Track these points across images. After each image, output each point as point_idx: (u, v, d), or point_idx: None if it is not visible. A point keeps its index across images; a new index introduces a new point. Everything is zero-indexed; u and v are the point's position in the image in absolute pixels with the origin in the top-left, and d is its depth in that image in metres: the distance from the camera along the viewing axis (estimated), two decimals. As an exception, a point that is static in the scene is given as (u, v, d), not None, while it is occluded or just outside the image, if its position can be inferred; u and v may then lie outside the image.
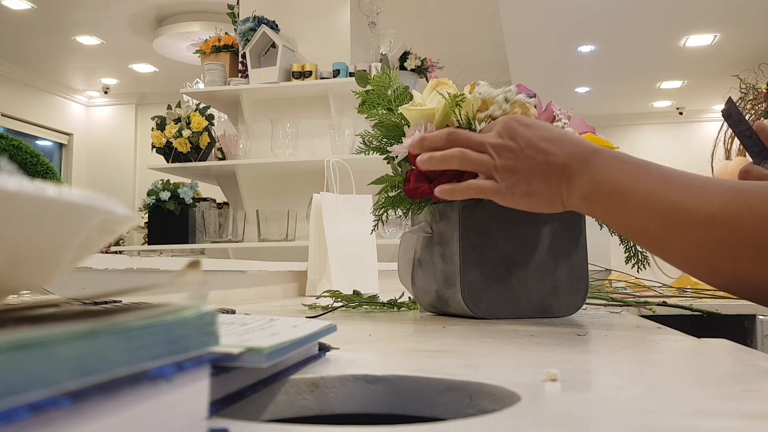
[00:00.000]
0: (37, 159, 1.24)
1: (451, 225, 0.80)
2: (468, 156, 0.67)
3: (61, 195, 0.20)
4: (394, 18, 3.89)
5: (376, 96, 0.84)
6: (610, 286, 1.50)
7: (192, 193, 3.15)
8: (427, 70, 3.24)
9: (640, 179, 0.60)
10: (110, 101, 7.91)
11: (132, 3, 5.34)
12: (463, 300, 0.77)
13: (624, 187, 0.60)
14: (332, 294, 1.06)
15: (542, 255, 0.80)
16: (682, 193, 0.57)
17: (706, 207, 0.55)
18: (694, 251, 0.57)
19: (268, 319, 0.40)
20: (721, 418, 0.27)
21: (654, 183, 0.59)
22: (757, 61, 5.50)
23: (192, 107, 3.15)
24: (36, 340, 0.16)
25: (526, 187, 0.65)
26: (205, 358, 0.23)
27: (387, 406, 0.35)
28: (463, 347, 0.50)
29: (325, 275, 1.61)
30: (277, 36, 3.00)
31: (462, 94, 0.76)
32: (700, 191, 0.56)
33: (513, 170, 0.65)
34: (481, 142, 0.67)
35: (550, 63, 6.14)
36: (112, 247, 3.53)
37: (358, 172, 2.00)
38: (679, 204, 0.57)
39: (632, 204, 0.59)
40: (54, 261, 0.23)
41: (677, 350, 0.50)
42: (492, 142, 0.67)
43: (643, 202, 0.59)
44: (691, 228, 0.56)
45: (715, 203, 0.55)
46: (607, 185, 0.61)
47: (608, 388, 0.34)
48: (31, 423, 0.15)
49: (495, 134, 0.67)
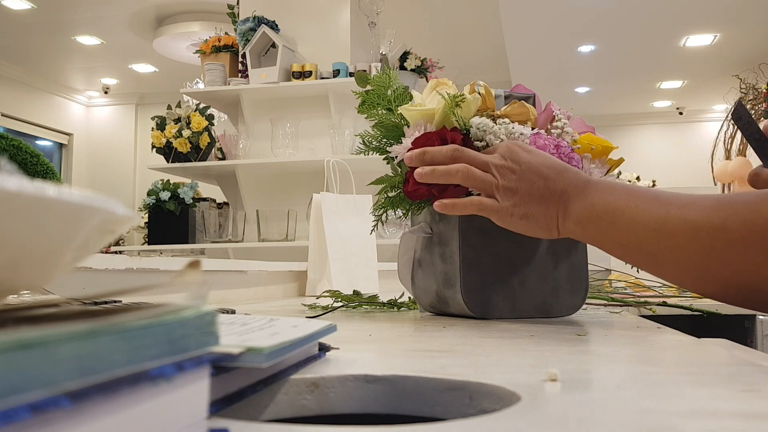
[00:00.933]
0: (37, 159, 1.24)
1: (451, 225, 0.80)
2: (472, 173, 0.69)
3: (61, 195, 0.20)
4: (394, 18, 3.89)
5: (375, 96, 0.84)
6: (610, 286, 1.50)
7: (192, 193, 3.16)
8: (427, 70, 3.24)
9: (630, 199, 0.62)
10: (110, 101, 7.91)
11: (132, 3, 5.34)
12: (463, 300, 0.77)
13: (616, 207, 0.62)
14: (332, 294, 1.06)
15: (542, 255, 0.80)
16: (669, 207, 0.59)
17: (692, 215, 0.57)
18: (685, 260, 0.58)
19: (268, 319, 0.40)
20: (721, 418, 0.27)
21: (644, 201, 0.61)
22: (757, 61, 5.51)
23: (192, 107, 3.15)
24: (36, 340, 0.16)
25: (524, 209, 0.67)
26: (205, 358, 0.23)
27: (387, 406, 0.35)
28: (463, 347, 0.50)
29: (325, 275, 1.61)
30: (277, 36, 3.00)
31: (462, 95, 0.76)
32: (686, 202, 0.59)
33: (514, 191, 0.68)
34: (485, 162, 0.69)
35: (550, 63, 6.14)
36: (112, 247, 3.53)
37: (358, 172, 2.00)
38: (666, 215, 0.59)
39: (624, 222, 0.62)
40: (54, 261, 0.23)
41: (677, 350, 0.50)
42: (495, 162, 0.69)
43: (634, 218, 0.61)
44: (680, 237, 0.58)
45: (700, 211, 0.57)
46: (600, 207, 0.64)
47: (608, 388, 0.34)
48: (31, 423, 0.15)
49: (498, 156, 0.70)
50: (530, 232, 0.69)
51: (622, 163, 0.84)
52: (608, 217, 0.63)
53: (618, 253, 0.65)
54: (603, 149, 0.81)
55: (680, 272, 0.60)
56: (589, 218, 0.64)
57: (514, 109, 0.80)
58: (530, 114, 0.80)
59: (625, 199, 0.62)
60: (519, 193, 0.67)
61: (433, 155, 0.71)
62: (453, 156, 0.70)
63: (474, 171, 0.69)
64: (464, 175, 0.69)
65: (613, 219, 0.62)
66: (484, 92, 0.79)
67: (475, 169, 0.69)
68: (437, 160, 0.71)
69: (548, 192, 0.66)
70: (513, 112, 0.80)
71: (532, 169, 0.67)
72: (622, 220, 0.62)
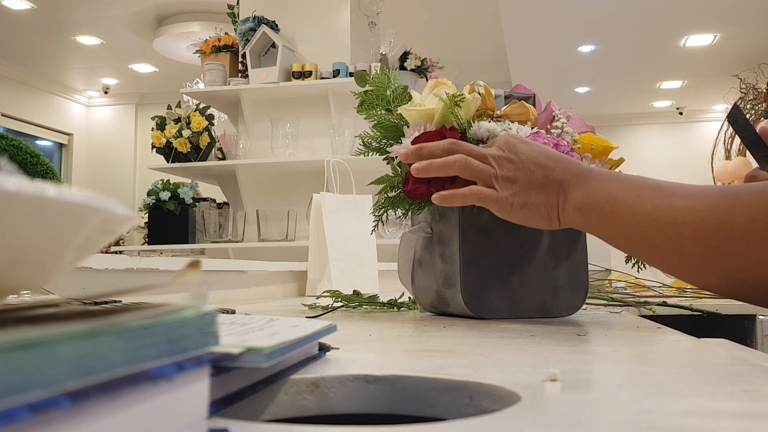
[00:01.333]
0: (37, 159, 1.24)
1: (451, 225, 0.80)
2: (470, 162, 0.68)
3: (61, 195, 0.20)
4: (394, 18, 3.89)
5: (374, 96, 0.84)
6: (610, 286, 1.50)
7: (192, 193, 3.16)
8: (427, 70, 3.24)
9: (632, 188, 0.62)
10: (110, 101, 7.91)
11: (132, 3, 5.34)
12: (463, 300, 0.77)
13: (618, 196, 0.62)
14: (332, 294, 1.06)
15: (542, 255, 0.80)
16: (674, 197, 0.59)
17: (698, 205, 0.57)
18: (687, 250, 0.58)
19: (268, 319, 0.40)
20: (721, 418, 0.27)
21: (646, 190, 0.61)
22: (757, 61, 5.51)
23: (192, 107, 3.15)
24: (36, 340, 0.16)
25: (524, 198, 0.67)
26: (205, 358, 0.23)
27: (387, 406, 0.35)
28: (463, 347, 0.50)
29: (325, 275, 1.61)
30: (277, 36, 3.00)
31: (461, 95, 0.76)
32: (691, 193, 0.58)
33: (513, 180, 0.67)
34: (482, 153, 0.69)
35: (550, 63, 6.14)
36: (112, 247, 3.54)
37: (358, 172, 2.00)
38: (671, 205, 0.58)
39: (626, 211, 0.61)
40: (54, 261, 0.23)
41: (677, 350, 0.50)
42: (493, 153, 0.68)
43: (636, 208, 0.60)
44: (685, 227, 0.57)
45: (706, 201, 0.57)
46: (602, 196, 0.63)
47: (608, 388, 0.34)
48: (31, 423, 0.15)
49: (496, 148, 0.69)
50: (531, 223, 0.68)
51: (623, 163, 0.84)
52: (609, 206, 0.62)
53: (618, 242, 0.64)
54: (603, 149, 0.81)
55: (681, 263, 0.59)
56: (590, 206, 0.64)
57: (514, 109, 0.80)
58: (530, 114, 0.80)
59: (627, 188, 0.62)
60: (518, 183, 0.67)
61: (430, 150, 0.71)
62: (450, 149, 0.70)
63: (471, 161, 0.68)
64: (461, 166, 0.68)
65: (614, 208, 0.62)
66: (484, 92, 0.79)
67: (473, 159, 0.68)
68: (435, 154, 0.70)
69: (547, 180, 0.66)
70: (513, 112, 0.80)
71: (530, 159, 0.67)
72: (623, 209, 0.61)
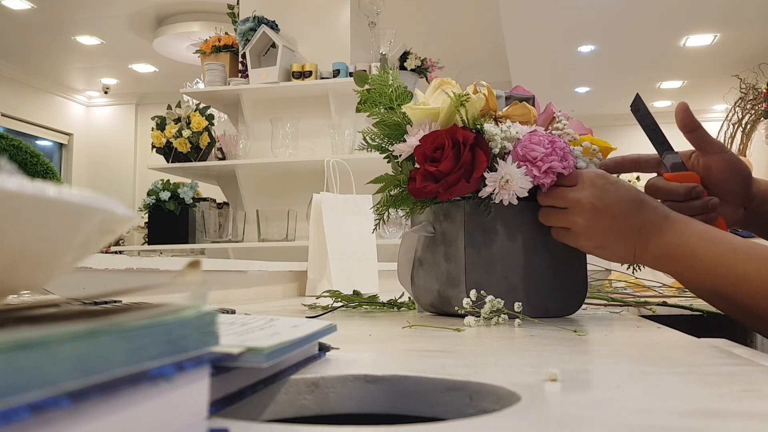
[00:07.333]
0: (37, 159, 1.24)
1: (456, 225, 0.80)
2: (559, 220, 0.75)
3: (61, 195, 0.20)
4: (394, 18, 3.89)
5: (376, 95, 0.84)
6: (610, 286, 1.50)
7: (192, 193, 3.15)
8: (427, 70, 3.24)
9: (709, 246, 0.66)
10: (110, 101, 7.91)
11: (132, 3, 5.34)
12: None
13: (695, 253, 0.67)
14: (332, 294, 1.06)
15: (543, 255, 0.80)
16: (747, 264, 0.63)
17: None
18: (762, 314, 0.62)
19: (268, 319, 0.40)
20: (721, 418, 0.27)
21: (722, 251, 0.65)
22: (757, 61, 5.51)
23: (192, 107, 3.15)
24: (36, 340, 0.16)
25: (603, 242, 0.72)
26: (205, 358, 0.23)
27: (387, 406, 0.35)
28: (463, 347, 0.50)
29: (325, 275, 1.61)
30: (277, 36, 3.00)
31: (466, 94, 0.76)
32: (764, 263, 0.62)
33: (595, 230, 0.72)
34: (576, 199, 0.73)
35: (550, 63, 6.14)
36: (112, 247, 3.53)
37: (358, 172, 2.00)
38: (744, 275, 0.62)
39: (702, 268, 0.66)
40: (54, 261, 0.23)
41: (677, 350, 0.50)
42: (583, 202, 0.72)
43: (712, 268, 0.65)
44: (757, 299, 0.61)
45: None
46: (679, 249, 0.68)
47: (608, 388, 0.34)
48: (31, 423, 0.15)
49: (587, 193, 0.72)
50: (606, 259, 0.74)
51: (622, 163, 0.84)
52: (687, 260, 0.67)
53: (691, 290, 0.70)
54: (602, 150, 0.81)
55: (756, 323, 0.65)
56: (668, 257, 0.69)
57: (515, 110, 0.80)
58: (531, 115, 0.80)
59: (703, 245, 0.66)
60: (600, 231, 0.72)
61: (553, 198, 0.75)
62: None
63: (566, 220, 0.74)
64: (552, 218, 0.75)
65: (691, 263, 0.67)
66: (487, 93, 0.79)
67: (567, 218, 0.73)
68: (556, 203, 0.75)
69: (628, 228, 0.71)
70: (515, 113, 0.80)
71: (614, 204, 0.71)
72: (699, 267, 0.66)
